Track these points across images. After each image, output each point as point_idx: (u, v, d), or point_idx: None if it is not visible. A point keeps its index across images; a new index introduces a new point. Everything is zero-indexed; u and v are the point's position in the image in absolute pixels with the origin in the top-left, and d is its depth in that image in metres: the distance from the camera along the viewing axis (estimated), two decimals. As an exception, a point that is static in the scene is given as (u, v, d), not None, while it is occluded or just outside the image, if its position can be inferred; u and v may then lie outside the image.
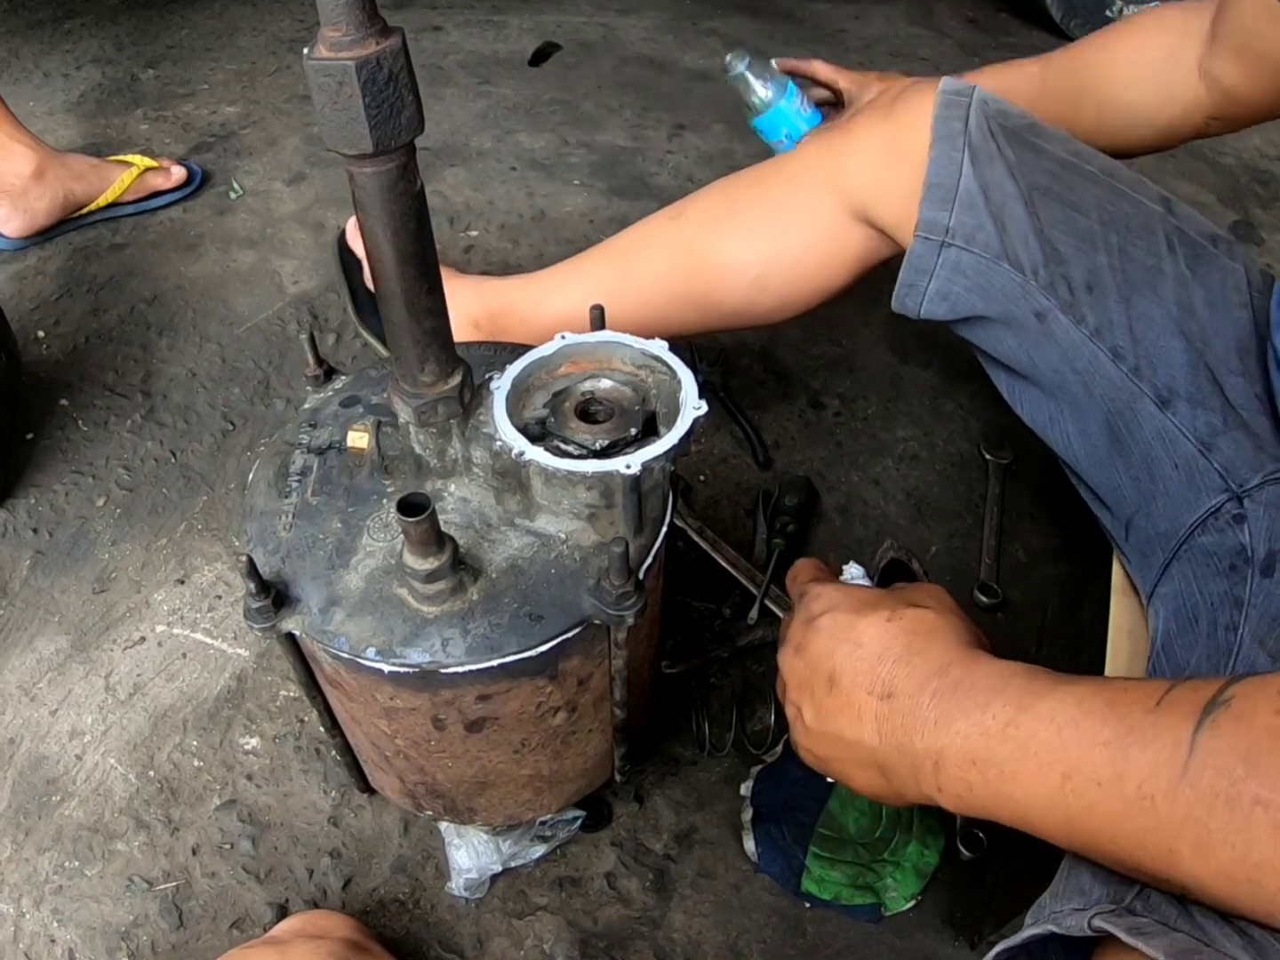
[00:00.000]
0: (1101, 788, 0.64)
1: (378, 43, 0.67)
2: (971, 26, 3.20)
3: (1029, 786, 0.68)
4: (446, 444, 0.92)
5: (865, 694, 0.79)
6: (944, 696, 0.74)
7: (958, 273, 1.19)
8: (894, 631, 0.81)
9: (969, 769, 0.71)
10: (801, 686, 0.86)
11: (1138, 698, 0.65)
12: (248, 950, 1.06)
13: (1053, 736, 0.67)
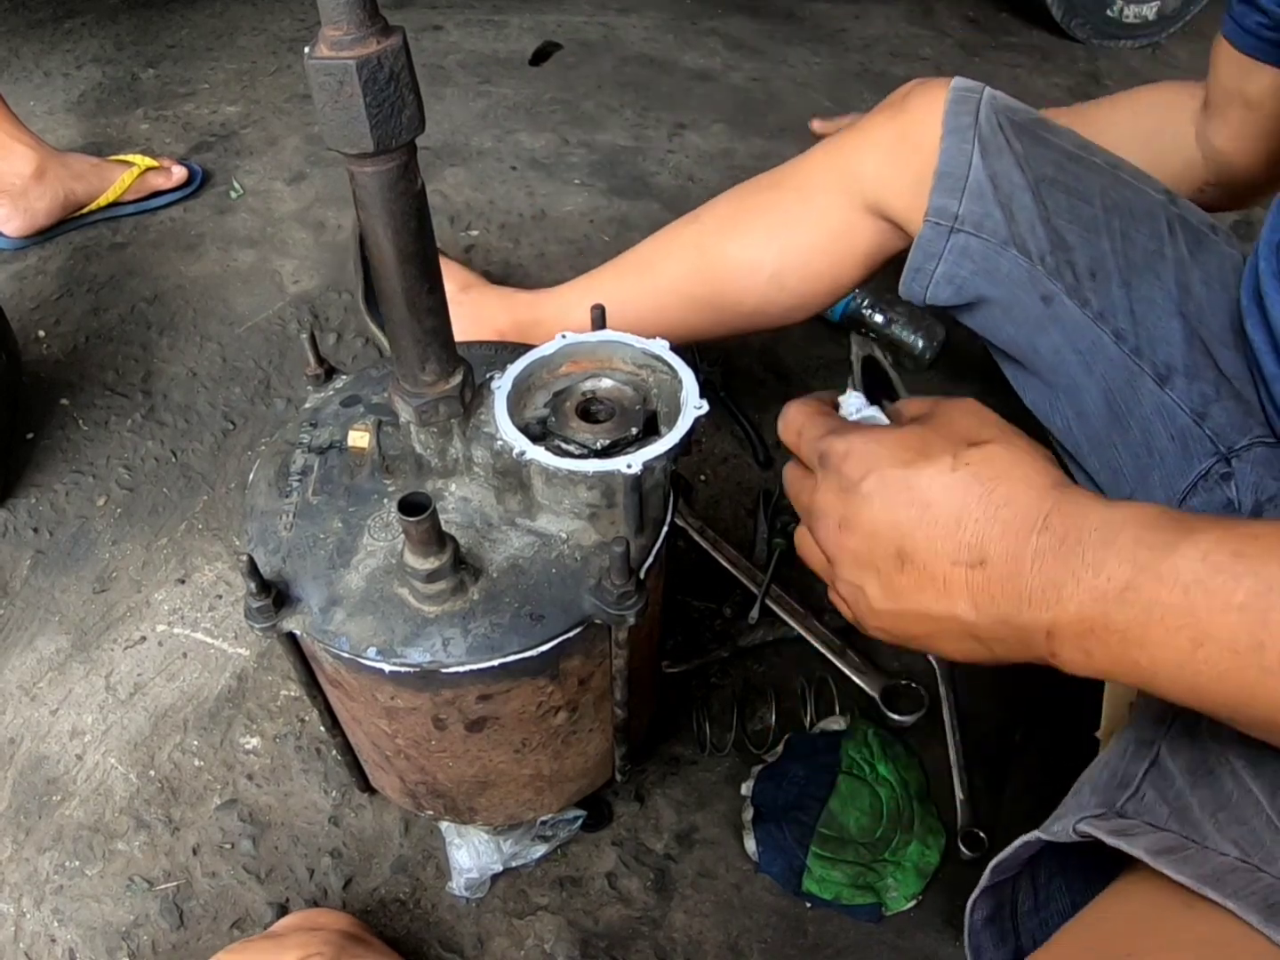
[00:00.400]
0: (1238, 656, 0.57)
1: (379, 42, 0.67)
2: (972, 26, 3.19)
3: (1154, 653, 0.61)
4: (447, 443, 0.92)
5: (950, 564, 0.68)
6: (1048, 558, 0.64)
7: (965, 257, 1.22)
8: (966, 483, 0.69)
9: (1086, 637, 0.63)
10: (860, 566, 0.74)
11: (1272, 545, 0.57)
12: (247, 944, 1.07)
13: (1179, 600, 0.59)
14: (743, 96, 2.76)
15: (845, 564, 0.75)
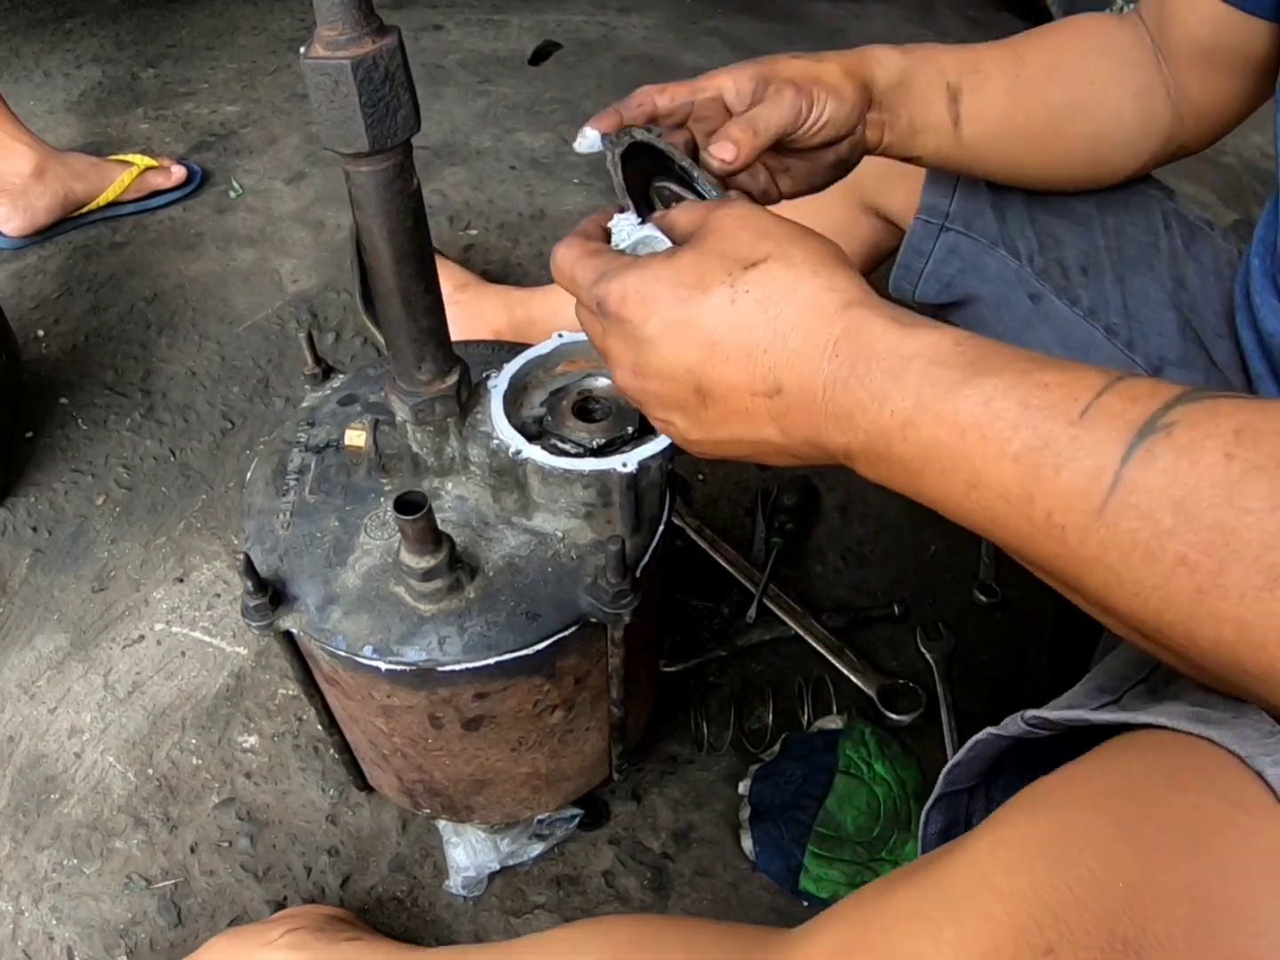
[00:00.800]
0: (1009, 504, 0.56)
1: (374, 42, 0.68)
2: (972, 26, 3.19)
3: (933, 488, 0.61)
4: (444, 442, 0.92)
5: (749, 396, 0.67)
6: (837, 387, 0.63)
7: (953, 254, 1.22)
8: (749, 314, 0.66)
9: (877, 463, 0.63)
10: (664, 405, 0.73)
11: (1060, 399, 0.55)
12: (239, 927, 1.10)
13: (955, 441, 0.58)
14: (742, 96, 2.75)
15: (650, 404, 0.74)
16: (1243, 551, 0.47)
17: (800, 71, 0.94)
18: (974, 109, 1.06)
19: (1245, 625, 0.48)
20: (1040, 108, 1.08)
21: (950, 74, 1.05)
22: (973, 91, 1.06)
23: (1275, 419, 0.49)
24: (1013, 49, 1.10)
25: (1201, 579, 0.49)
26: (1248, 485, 0.48)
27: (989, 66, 1.07)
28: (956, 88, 1.05)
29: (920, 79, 1.04)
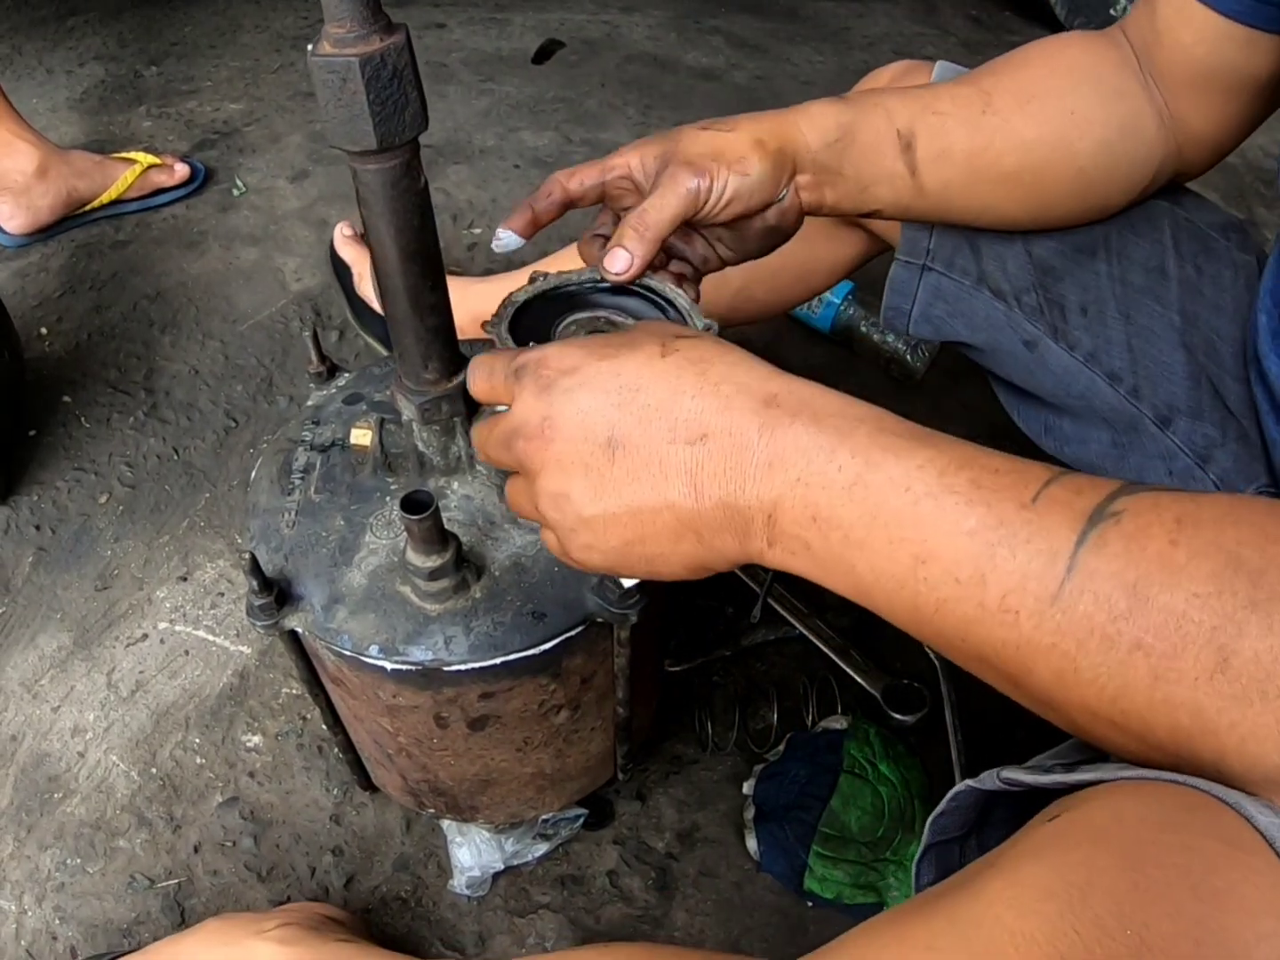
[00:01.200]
0: (960, 585, 0.54)
1: (382, 39, 0.67)
2: (975, 24, 3.19)
3: (875, 560, 0.56)
4: (450, 441, 0.92)
5: (667, 443, 0.61)
6: (777, 431, 0.59)
7: (938, 298, 1.17)
8: (678, 365, 0.63)
9: (808, 525, 0.58)
10: (565, 470, 0.65)
11: (1010, 484, 0.54)
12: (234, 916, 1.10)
13: (907, 509, 0.55)
14: (746, 95, 2.75)
15: (550, 473, 0.66)
16: (1194, 634, 0.48)
17: (701, 150, 0.90)
18: (933, 153, 0.99)
19: (1199, 710, 0.48)
20: (1013, 147, 1.00)
21: (900, 119, 0.98)
22: (930, 135, 0.98)
23: (1210, 509, 0.50)
24: (977, 84, 1.01)
25: (1156, 662, 0.49)
26: (1194, 570, 0.48)
27: (947, 105, 0.99)
28: (909, 133, 0.98)
29: (864, 131, 0.97)
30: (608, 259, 0.86)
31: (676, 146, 0.91)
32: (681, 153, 0.90)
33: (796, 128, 0.95)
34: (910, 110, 0.98)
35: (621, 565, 0.68)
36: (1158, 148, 1.02)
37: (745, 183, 0.91)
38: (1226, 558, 0.48)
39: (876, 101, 0.98)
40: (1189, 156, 1.04)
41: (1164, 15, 0.97)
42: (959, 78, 1.04)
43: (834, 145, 0.96)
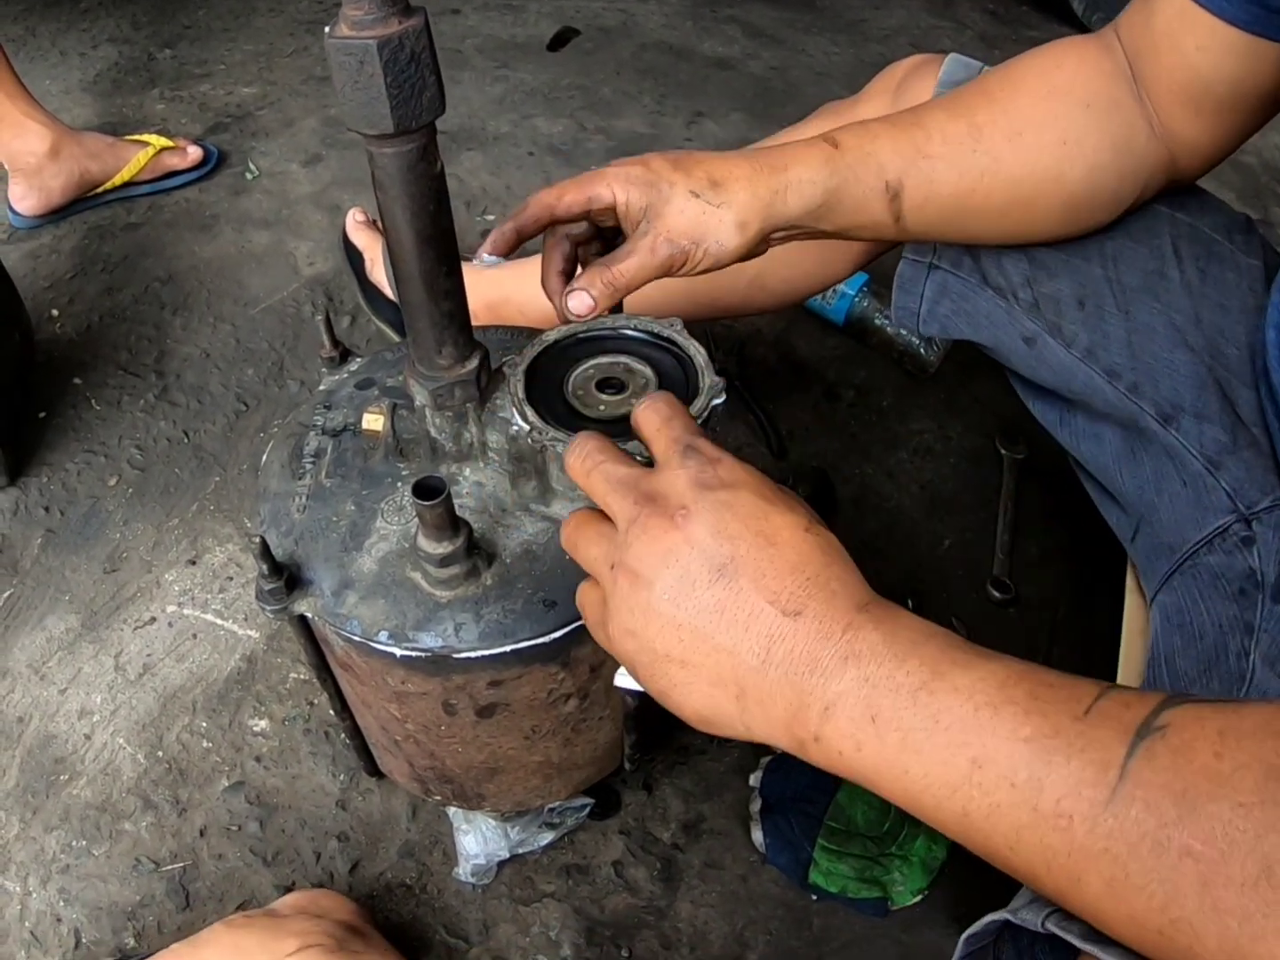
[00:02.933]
0: (1015, 790, 0.55)
1: (400, 22, 0.67)
2: (992, 18, 3.18)
3: (931, 765, 0.57)
4: (462, 427, 0.92)
5: (767, 602, 0.63)
6: (859, 634, 0.61)
7: (944, 296, 1.17)
8: (814, 546, 0.65)
9: (866, 725, 0.59)
10: (664, 560, 0.65)
11: (1063, 698, 0.56)
12: (247, 918, 1.07)
13: (969, 716, 0.56)
14: (761, 85, 2.75)
15: (650, 553, 0.66)
16: (1240, 841, 0.48)
17: (686, 225, 0.93)
18: (919, 200, 1.00)
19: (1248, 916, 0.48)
20: (1001, 185, 1.00)
21: (891, 171, 0.98)
22: (918, 184, 0.99)
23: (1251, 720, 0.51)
24: (970, 115, 1.00)
25: (1205, 869, 0.49)
26: (1238, 781, 0.49)
27: (937, 148, 0.99)
28: (898, 185, 0.99)
29: (852, 193, 0.98)
30: (572, 299, 0.92)
31: (664, 209, 0.93)
32: (668, 222, 0.93)
33: (784, 200, 0.95)
34: (902, 158, 0.98)
35: (644, 668, 0.69)
36: (1149, 160, 1.01)
37: (724, 257, 0.95)
38: (1267, 769, 0.49)
39: (869, 152, 0.98)
40: (1183, 164, 1.03)
41: (1163, 21, 0.94)
42: (954, 101, 1.03)
43: (819, 209, 0.97)
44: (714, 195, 0.93)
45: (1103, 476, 1.17)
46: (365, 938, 1.09)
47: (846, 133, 0.99)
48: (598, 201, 0.96)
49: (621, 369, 0.92)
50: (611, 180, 0.95)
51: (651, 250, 0.92)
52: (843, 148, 0.97)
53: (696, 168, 0.95)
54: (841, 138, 0.98)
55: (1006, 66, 1.04)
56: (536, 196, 0.97)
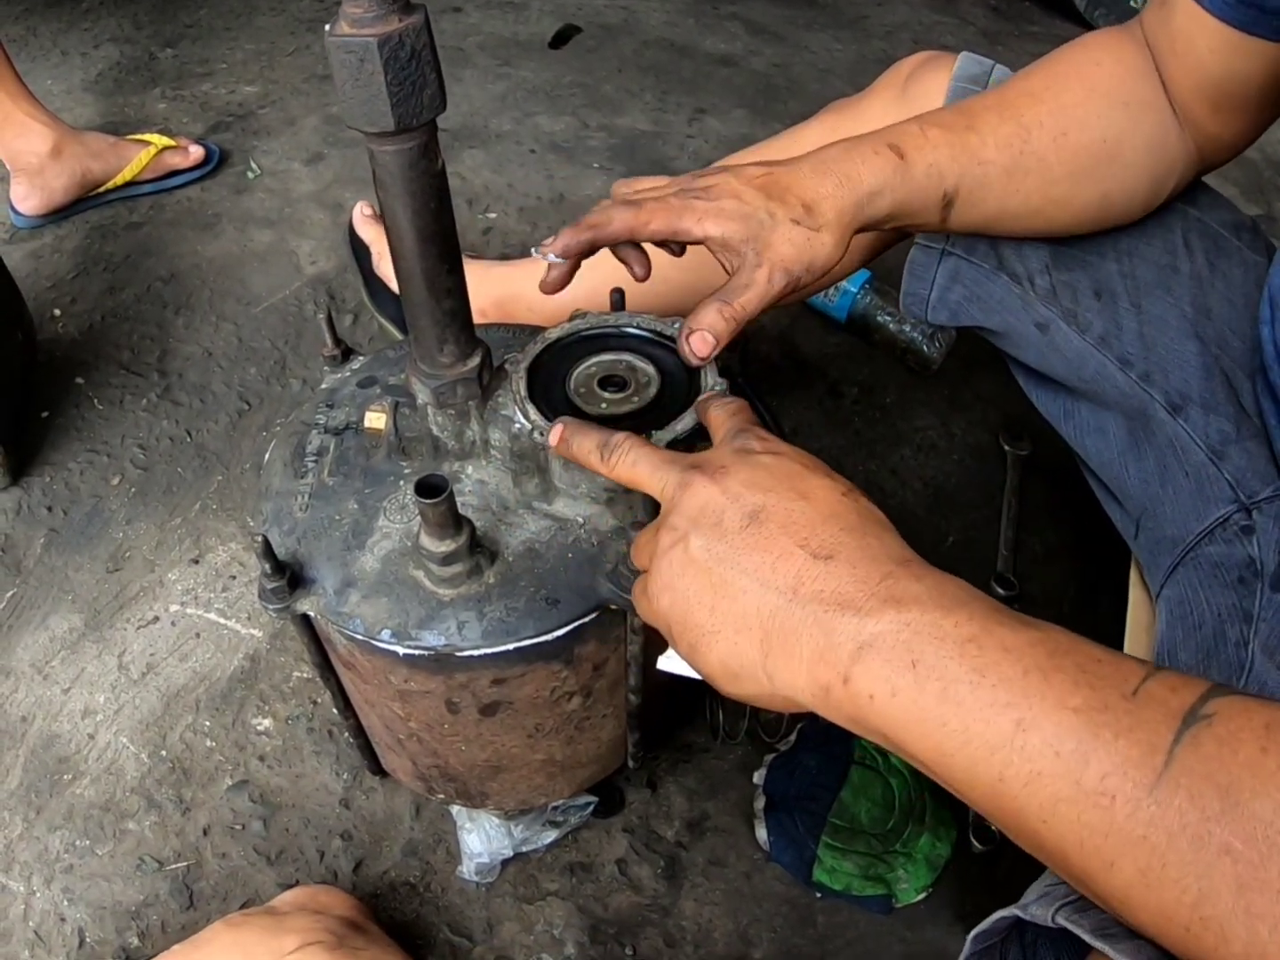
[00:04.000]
0: (1059, 760, 0.52)
1: (400, 19, 0.67)
2: (994, 14, 3.17)
3: (971, 721, 0.55)
4: (464, 426, 0.92)
5: (796, 545, 0.63)
6: (899, 582, 0.60)
7: (956, 282, 1.18)
8: (848, 506, 0.66)
9: (904, 670, 0.57)
10: (703, 513, 0.67)
11: (1111, 675, 0.54)
12: (247, 916, 1.07)
13: (1018, 677, 0.54)
14: (763, 82, 2.74)
15: (691, 507, 0.68)
16: None
17: (797, 254, 0.92)
18: (969, 204, 1.01)
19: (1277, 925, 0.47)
20: (1043, 185, 1.02)
21: (950, 179, 0.99)
22: (971, 189, 1.00)
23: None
24: (1017, 118, 1.00)
25: (1243, 870, 0.48)
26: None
27: (991, 153, 0.99)
28: (953, 193, 1.00)
29: (914, 203, 0.99)
30: (695, 341, 0.89)
31: (771, 239, 0.91)
32: (778, 252, 0.91)
33: (863, 214, 0.95)
34: (959, 166, 0.98)
35: (677, 625, 0.68)
36: (1179, 158, 1.03)
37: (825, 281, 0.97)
38: None
39: (932, 163, 0.97)
40: (1208, 157, 1.05)
41: (1179, 21, 0.96)
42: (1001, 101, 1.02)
43: (882, 221, 0.98)
44: (811, 220, 0.92)
45: (1107, 470, 1.17)
46: (366, 934, 1.09)
47: (907, 139, 0.97)
48: (682, 236, 0.94)
49: (624, 367, 0.93)
50: (704, 218, 0.92)
51: (769, 281, 0.91)
52: (909, 160, 0.96)
53: (788, 194, 0.93)
54: (906, 148, 0.97)
55: (1047, 63, 1.04)
56: (623, 215, 0.93)
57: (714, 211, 0.92)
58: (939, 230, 1.06)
